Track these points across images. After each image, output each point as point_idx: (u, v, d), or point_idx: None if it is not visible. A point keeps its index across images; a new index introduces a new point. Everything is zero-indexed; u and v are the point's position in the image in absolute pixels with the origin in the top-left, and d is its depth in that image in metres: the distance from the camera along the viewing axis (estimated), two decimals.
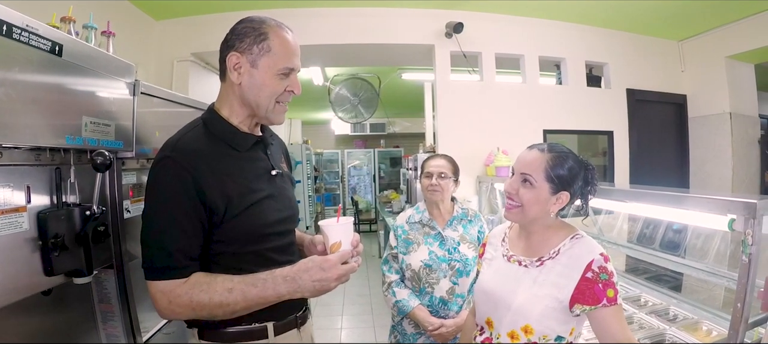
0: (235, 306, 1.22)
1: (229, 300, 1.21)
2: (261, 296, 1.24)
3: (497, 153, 4.01)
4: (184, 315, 1.26)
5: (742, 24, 4.40)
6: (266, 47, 1.32)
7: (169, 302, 1.21)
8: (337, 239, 1.37)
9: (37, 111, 1.38)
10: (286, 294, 1.26)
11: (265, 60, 1.32)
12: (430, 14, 4.34)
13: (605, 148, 4.91)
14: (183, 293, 1.21)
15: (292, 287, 1.26)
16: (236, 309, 1.23)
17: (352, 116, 6.23)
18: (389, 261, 2.50)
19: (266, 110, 1.38)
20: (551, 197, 1.44)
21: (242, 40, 1.33)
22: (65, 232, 1.47)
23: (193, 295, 1.20)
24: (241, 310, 1.24)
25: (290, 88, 1.38)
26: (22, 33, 1.28)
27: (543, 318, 1.39)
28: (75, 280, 1.55)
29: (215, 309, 1.21)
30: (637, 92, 4.87)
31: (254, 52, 1.32)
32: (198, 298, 1.20)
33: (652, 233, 2.79)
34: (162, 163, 1.26)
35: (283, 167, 1.54)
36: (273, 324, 1.38)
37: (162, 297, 1.22)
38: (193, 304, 1.20)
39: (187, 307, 1.21)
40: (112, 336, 1.88)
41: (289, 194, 1.53)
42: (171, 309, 1.22)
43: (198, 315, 1.24)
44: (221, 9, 4.18)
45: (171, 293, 1.21)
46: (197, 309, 1.21)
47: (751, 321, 1.50)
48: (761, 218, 1.43)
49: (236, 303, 1.22)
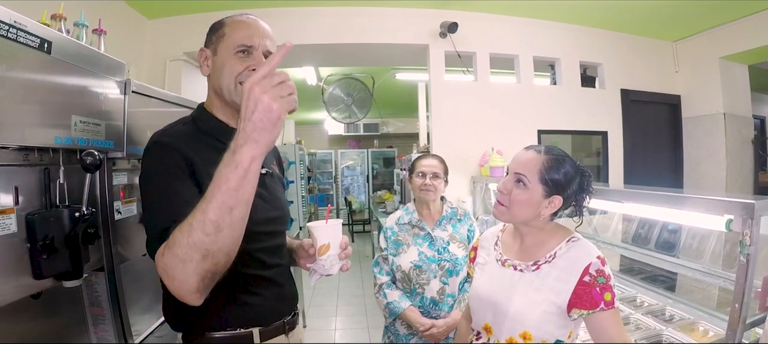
0: (208, 213, 0.96)
1: (196, 214, 0.97)
2: (221, 177, 0.98)
3: (492, 153, 4.00)
4: (181, 272, 0.99)
5: (736, 25, 4.42)
6: (222, 33, 1.38)
7: (163, 261, 1.01)
8: (325, 241, 1.33)
9: (25, 110, 1.36)
10: (245, 153, 0.97)
11: (222, 44, 1.36)
12: (424, 14, 4.33)
13: (599, 148, 4.92)
14: (165, 246, 1.02)
15: (238, 142, 0.98)
16: (212, 216, 0.96)
17: (345, 116, 6.20)
18: (380, 263, 2.50)
19: (229, 91, 1.35)
20: (544, 201, 1.43)
21: (209, 38, 1.42)
22: (54, 234, 1.44)
23: (169, 241, 1.00)
24: (218, 211, 0.97)
25: (252, 66, 1.33)
26: (10, 29, 1.26)
27: (541, 323, 1.37)
28: (65, 283, 1.52)
29: (194, 234, 0.96)
30: (631, 93, 4.88)
31: (213, 41, 1.40)
32: (175, 239, 0.99)
33: (647, 233, 2.79)
34: (151, 149, 1.24)
35: (273, 168, 1.52)
36: (259, 329, 1.34)
37: (159, 264, 1.02)
38: (175, 248, 0.98)
39: (174, 257, 0.98)
40: (103, 339, 1.86)
41: (279, 195, 1.51)
42: (168, 270, 1.00)
43: (188, 254, 0.97)
44: (214, 8, 4.12)
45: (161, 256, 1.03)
46: (180, 250, 0.97)
47: (749, 321, 1.50)
48: (759, 219, 1.43)
49: (206, 211, 0.96)
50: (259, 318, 1.34)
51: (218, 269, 1.01)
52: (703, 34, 4.80)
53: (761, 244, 1.47)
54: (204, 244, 0.96)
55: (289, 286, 1.49)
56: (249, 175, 0.99)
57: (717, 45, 4.66)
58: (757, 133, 5.09)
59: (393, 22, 4.34)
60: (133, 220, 2.03)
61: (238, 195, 0.98)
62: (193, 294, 1.00)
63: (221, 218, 0.97)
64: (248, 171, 0.98)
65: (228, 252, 1.01)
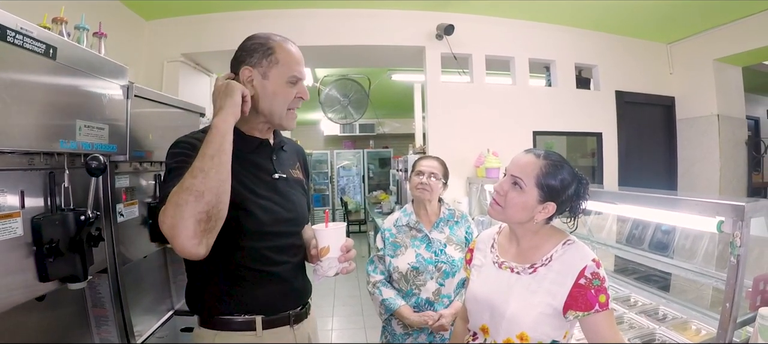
0: (194, 164, 1.18)
1: (187, 171, 1.17)
2: (204, 141, 1.23)
3: (487, 155, 4.02)
4: (179, 217, 1.12)
5: (730, 27, 4.46)
6: (275, 59, 1.44)
7: (163, 212, 1.15)
8: (325, 244, 1.43)
9: (31, 115, 1.38)
10: (215, 118, 1.27)
11: (275, 71, 1.44)
12: (420, 16, 4.35)
13: (594, 149, 4.95)
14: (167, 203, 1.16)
15: (216, 114, 1.29)
16: (198, 164, 1.18)
17: (341, 117, 6.21)
18: (375, 262, 2.51)
19: (280, 117, 1.49)
20: (538, 205, 1.44)
21: (252, 56, 1.44)
22: (60, 237, 1.46)
23: (169, 197, 1.15)
24: (201, 161, 1.18)
25: (299, 94, 1.49)
26: (17, 36, 1.27)
27: (538, 325, 1.40)
28: (70, 286, 1.54)
29: (185, 181, 1.15)
30: (626, 94, 4.91)
31: (264, 65, 1.43)
32: (173, 192, 1.15)
33: (641, 233, 2.81)
34: (175, 146, 1.39)
35: (290, 172, 1.60)
36: (262, 318, 1.43)
37: (162, 220, 1.15)
38: (172, 197, 1.14)
39: (171, 204, 1.14)
40: (106, 340, 1.88)
41: (294, 198, 1.56)
42: (166, 218, 1.14)
43: (182, 198, 1.13)
44: (212, 9, 4.16)
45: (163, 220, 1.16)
46: (175, 197, 1.14)
47: (740, 320, 1.53)
48: (749, 221, 1.45)
49: (193, 165, 1.18)
50: (262, 309, 1.44)
51: (210, 209, 1.16)
52: (697, 36, 4.84)
53: (752, 245, 1.50)
54: (194, 186, 1.14)
55: (297, 282, 1.55)
56: (222, 133, 1.23)
57: (711, 47, 4.70)
58: (750, 134, 5.13)
59: (390, 24, 4.36)
60: (135, 222, 2.05)
61: (214, 145, 1.20)
62: (191, 239, 1.13)
63: (205, 165, 1.17)
64: (219, 130, 1.23)
65: (216, 192, 1.17)
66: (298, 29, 4.20)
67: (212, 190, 1.16)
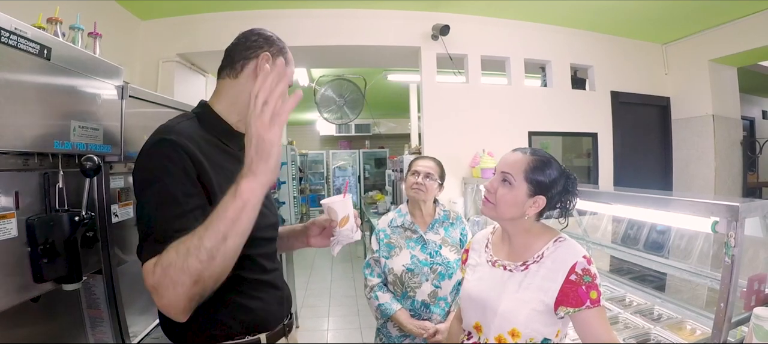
0: (204, 240, 0.98)
1: (193, 239, 0.98)
2: (221, 205, 1.01)
3: (483, 155, 4.03)
4: (172, 294, 0.99)
5: (726, 28, 4.48)
6: (288, 59, 1.41)
7: (153, 278, 1.00)
8: (344, 213, 1.47)
9: (26, 115, 1.37)
10: (244, 185, 1.01)
11: (288, 70, 1.33)
12: (416, 16, 4.35)
13: (589, 149, 4.97)
14: (157, 262, 1.01)
15: (242, 173, 1.03)
16: (207, 244, 0.97)
17: (337, 117, 6.20)
18: (371, 265, 2.51)
19: None
20: (528, 200, 1.48)
21: (271, 46, 1.38)
22: (54, 238, 1.45)
23: (162, 259, 1.00)
24: (214, 240, 0.98)
25: None
26: (11, 36, 1.26)
27: (529, 321, 1.42)
28: (64, 286, 1.53)
29: (189, 259, 0.97)
30: (621, 95, 4.93)
31: (276, 53, 1.38)
32: (169, 259, 0.98)
33: (636, 234, 2.83)
34: (157, 146, 1.16)
35: None
36: (266, 334, 1.35)
37: (149, 280, 1.01)
38: (169, 270, 0.98)
39: (166, 277, 0.98)
40: (101, 341, 1.87)
41: (271, 199, 1.54)
42: (159, 289, 0.99)
43: (180, 278, 0.97)
44: (208, 9, 4.15)
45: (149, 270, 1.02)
46: (173, 272, 0.97)
47: (734, 320, 1.54)
48: (743, 221, 1.46)
49: (202, 237, 0.98)
50: (264, 324, 1.34)
51: (206, 293, 1.02)
52: (692, 37, 4.85)
53: (746, 245, 1.51)
54: (197, 270, 0.97)
55: (285, 289, 1.51)
56: (247, 207, 1.01)
57: (706, 48, 4.72)
58: (745, 134, 5.15)
59: (385, 25, 4.36)
60: (130, 223, 2.04)
61: (234, 226, 1.00)
62: (180, 314, 1.01)
63: (216, 247, 0.98)
64: (247, 203, 1.00)
65: (217, 279, 1.02)
66: (294, 29, 4.19)
67: (214, 277, 1.00)
